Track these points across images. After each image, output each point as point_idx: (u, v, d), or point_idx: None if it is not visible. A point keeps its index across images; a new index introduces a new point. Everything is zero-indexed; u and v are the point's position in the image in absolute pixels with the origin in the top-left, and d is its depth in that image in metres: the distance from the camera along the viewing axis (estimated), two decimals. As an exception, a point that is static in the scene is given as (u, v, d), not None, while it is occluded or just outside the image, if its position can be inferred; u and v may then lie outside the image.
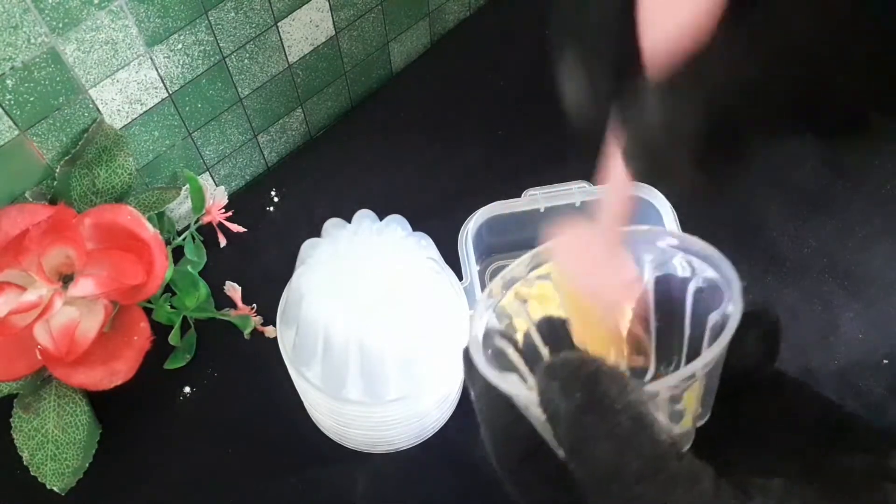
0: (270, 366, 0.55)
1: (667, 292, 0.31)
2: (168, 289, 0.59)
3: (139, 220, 0.51)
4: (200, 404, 0.58)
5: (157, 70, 0.55)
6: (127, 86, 0.54)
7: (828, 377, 0.56)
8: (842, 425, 0.27)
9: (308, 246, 0.50)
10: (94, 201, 0.55)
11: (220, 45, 0.58)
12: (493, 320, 0.31)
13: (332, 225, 0.50)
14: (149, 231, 0.51)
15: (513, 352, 0.31)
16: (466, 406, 0.55)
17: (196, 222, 0.63)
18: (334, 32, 0.67)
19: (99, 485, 0.54)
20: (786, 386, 0.29)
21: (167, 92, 0.57)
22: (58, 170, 0.53)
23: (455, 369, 0.51)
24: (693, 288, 0.30)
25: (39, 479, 0.52)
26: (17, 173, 0.53)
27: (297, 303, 0.47)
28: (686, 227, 0.55)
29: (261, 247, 0.65)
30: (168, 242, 0.61)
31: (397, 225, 0.50)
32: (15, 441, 0.52)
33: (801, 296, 0.59)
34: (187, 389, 0.58)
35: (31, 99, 0.50)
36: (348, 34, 0.68)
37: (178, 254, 0.62)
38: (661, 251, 0.31)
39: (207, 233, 0.64)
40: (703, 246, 0.30)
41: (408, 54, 0.77)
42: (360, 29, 0.69)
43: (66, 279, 0.50)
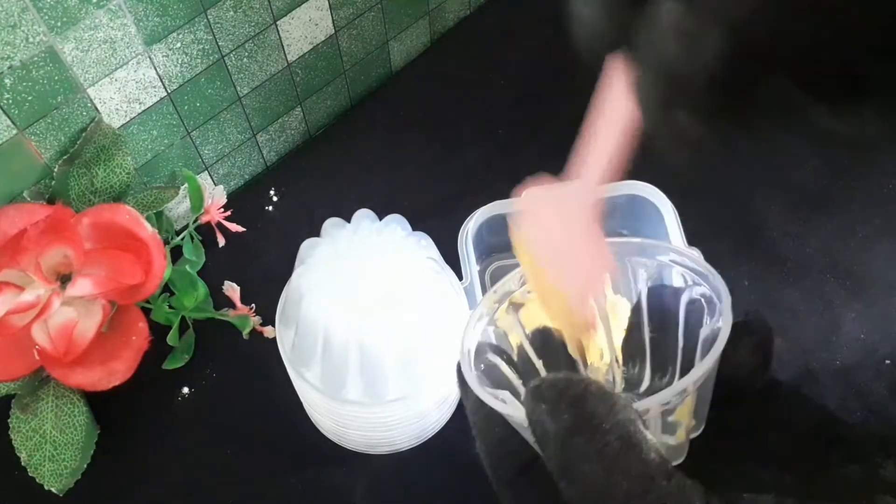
0: (269, 366, 0.55)
1: (660, 303, 0.31)
2: (166, 289, 0.59)
3: (137, 219, 0.51)
4: (199, 405, 0.58)
5: (155, 69, 0.55)
6: (125, 85, 0.54)
7: (829, 378, 0.56)
8: (836, 434, 0.27)
9: (307, 246, 0.50)
10: (93, 201, 0.55)
11: (219, 43, 0.58)
12: (485, 334, 0.31)
13: (331, 225, 0.50)
14: (147, 231, 0.51)
15: (506, 367, 0.31)
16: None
17: (195, 222, 0.63)
18: (334, 31, 0.67)
19: (97, 485, 0.54)
20: (780, 394, 0.29)
21: (166, 91, 0.57)
22: (56, 169, 0.53)
23: (455, 370, 0.51)
24: (686, 300, 0.30)
25: (37, 480, 0.52)
26: (15, 172, 0.53)
27: (296, 303, 0.47)
28: (687, 226, 0.55)
29: (260, 246, 0.65)
30: (166, 242, 0.61)
31: (397, 225, 0.50)
32: (13, 442, 0.52)
33: (802, 296, 0.59)
34: (186, 390, 0.58)
35: (30, 98, 0.49)
36: (348, 33, 0.68)
37: (176, 253, 0.62)
38: (655, 265, 0.31)
39: (206, 232, 0.64)
40: (694, 259, 0.29)
41: (407, 53, 0.77)
42: (360, 28, 0.69)
43: (64, 279, 0.50)
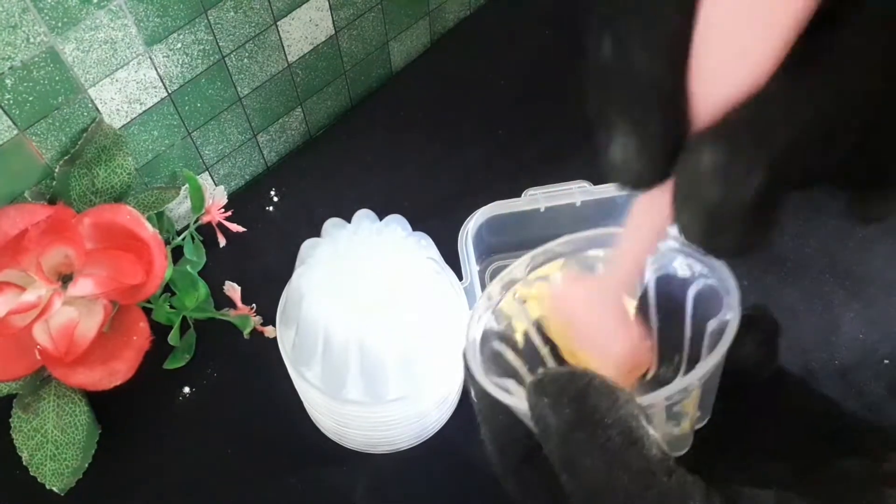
0: (270, 366, 0.55)
1: (667, 292, 0.31)
2: (167, 289, 0.59)
3: (138, 219, 0.51)
4: (200, 404, 0.58)
5: (156, 69, 0.55)
6: (126, 85, 0.54)
7: (828, 377, 0.56)
8: (840, 426, 0.27)
9: (308, 246, 0.50)
10: (94, 201, 0.55)
11: (220, 44, 0.58)
12: (491, 322, 0.31)
13: (331, 225, 0.50)
14: (148, 231, 0.51)
15: (511, 354, 0.31)
16: (466, 406, 0.55)
17: (195, 222, 0.63)
18: (334, 32, 0.67)
19: (98, 485, 0.54)
20: (786, 385, 0.29)
21: (166, 91, 0.57)
22: (57, 169, 0.53)
23: (455, 369, 0.51)
24: (693, 292, 0.30)
25: (39, 480, 0.52)
26: (17, 173, 0.53)
27: (296, 303, 0.47)
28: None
29: (260, 247, 0.65)
30: (167, 242, 0.61)
31: (397, 225, 0.50)
32: (14, 441, 0.52)
33: (802, 295, 0.59)
34: (187, 389, 0.58)
35: (31, 98, 0.50)
36: (348, 33, 0.68)
37: (177, 254, 0.62)
38: (663, 252, 0.31)
39: (207, 232, 0.64)
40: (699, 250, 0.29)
41: (408, 53, 0.77)
42: (360, 28, 0.69)
43: (66, 279, 0.50)
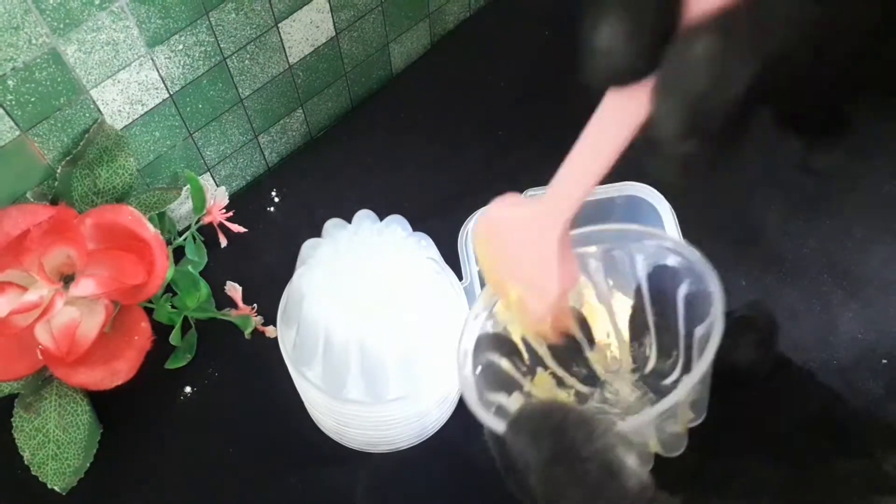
0: (271, 366, 0.56)
1: (659, 290, 0.31)
2: (169, 289, 0.59)
3: (140, 220, 0.51)
4: (201, 404, 0.58)
5: (158, 71, 0.55)
6: (128, 86, 0.55)
7: (827, 377, 0.55)
8: (839, 426, 0.27)
9: (308, 246, 0.50)
10: (96, 201, 0.56)
11: (221, 45, 0.58)
12: (486, 327, 0.32)
13: (332, 225, 0.51)
14: (150, 231, 0.51)
15: (506, 362, 0.31)
16: (466, 406, 0.55)
17: (197, 222, 0.63)
18: (335, 33, 0.67)
19: (100, 484, 0.54)
20: (784, 385, 0.29)
21: (168, 92, 0.58)
22: (59, 170, 0.54)
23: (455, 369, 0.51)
24: (682, 294, 0.30)
25: (40, 479, 0.52)
26: (19, 174, 0.53)
27: (297, 303, 0.47)
28: (685, 227, 0.55)
29: (261, 247, 0.65)
30: (169, 242, 0.61)
31: (397, 225, 0.50)
32: (16, 441, 0.52)
33: (800, 296, 0.60)
34: (188, 389, 0.59)
35: (33, 99, 0.50)
36: (349, 35, 0.69)
37: (178, 254, 0.62)
38: (653, 252, 0.31)
39: (208, 233, 0.64)
40: (691, 253, 0.30)
41: (408, 55, 0.77)
42: (361, 30, 0.69)
43: (67, 279, 0.50)
